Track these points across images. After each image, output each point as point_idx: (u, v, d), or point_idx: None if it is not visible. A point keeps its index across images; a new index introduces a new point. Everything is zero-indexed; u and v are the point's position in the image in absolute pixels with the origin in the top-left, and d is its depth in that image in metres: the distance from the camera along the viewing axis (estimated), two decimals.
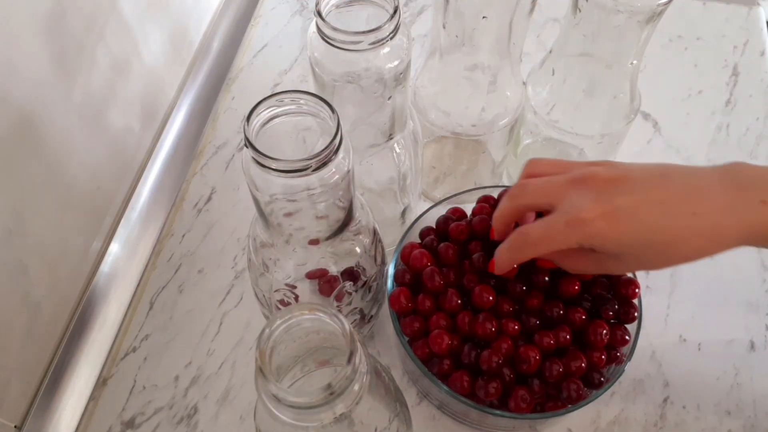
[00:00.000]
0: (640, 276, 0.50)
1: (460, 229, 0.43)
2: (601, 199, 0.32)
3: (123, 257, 0.52)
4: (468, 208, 0.45)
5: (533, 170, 0.37)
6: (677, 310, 0.49)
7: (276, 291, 0.38)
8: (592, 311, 0.40)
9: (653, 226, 0.32)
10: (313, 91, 0.31)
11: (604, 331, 0.39)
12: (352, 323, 0.35)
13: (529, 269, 0.41)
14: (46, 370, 0.45)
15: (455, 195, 0.46)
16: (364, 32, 0.32)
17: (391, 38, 0.33)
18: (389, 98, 0.36)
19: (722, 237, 0.32)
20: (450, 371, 0.39)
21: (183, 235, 0.54)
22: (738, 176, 0.32)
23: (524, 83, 0.48)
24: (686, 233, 0.32)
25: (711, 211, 0.32)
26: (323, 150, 0.28)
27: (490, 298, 0.40)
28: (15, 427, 0.43)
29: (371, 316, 0.43)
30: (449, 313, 0.40)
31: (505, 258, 0.37)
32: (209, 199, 0.56)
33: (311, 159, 0.28)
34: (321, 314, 0.26)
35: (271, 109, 0.30)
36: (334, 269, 0.37)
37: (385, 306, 0.43)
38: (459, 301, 0.40)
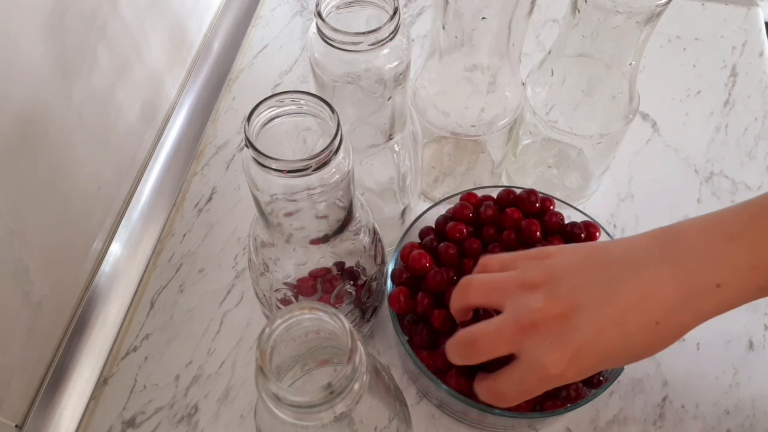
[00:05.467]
0: None
1: (458, 229, 0.43)
2: (561, 344, 0.31)
3: (124, 257, 0.52)
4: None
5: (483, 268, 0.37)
6: None
7: (276, 290, 0.38)
8: None
9: (618, 351, 0.31)
10: (313, 91, 0.31)
11: None
12: (351, 323, 0.35)
13: None
14: (47, 370, 0.45)
15: (455, 195, 0.46)
16: (364, 33, 0.32)
17: (391, 39, 0.33)
18: (389, 99, 0.36)
19: (682, 331, 0.31)
20: (449, 370, 0.39)
21: (184, 235, 0.54)
22: (681, 256, 0.30)
23: (523, 84, 0.48)
24: (648, 342, 0.31)
25: (667, 313, 0.30)
26: (323, 150, 0.28)
27: None
28: (16, 426, 0.43)
29: (371, 316, 0.44)
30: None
31: (455, 359, 0.36)
32: (210, 198, 0.56)
33: (311, 159, 0.28)
34: (321, 313, 0.26)
35: (271, 109, 0.30)
36: (334, 269, 0.37)
37: (385, 306, 0.43)
38: None
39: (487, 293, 0.35)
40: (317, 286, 0.38)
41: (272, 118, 0.30)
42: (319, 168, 0.29)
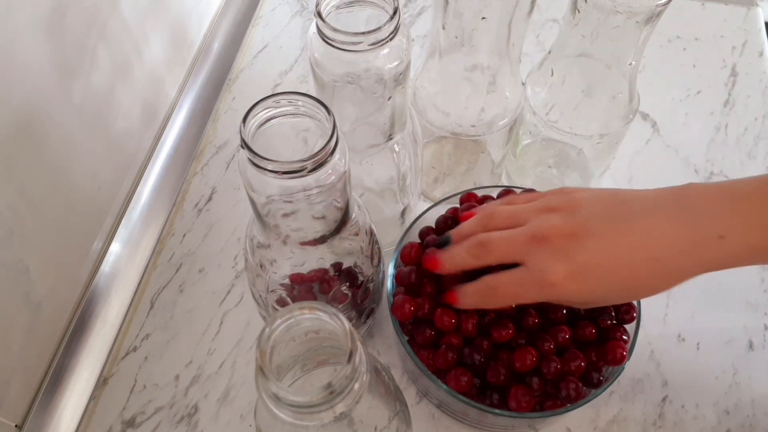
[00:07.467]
0: None
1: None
2: (566, 258, 0.33)
3: (124, 257, 0.52)
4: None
5: (489, 223, 0.37)
6: (676, 309, 0.49)
7: (272, 292, 0.38)
8: (591, 312, 0.41)
9: (617, 279, 0.33)
10: (313, 91, 0.31)
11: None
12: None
13: None
14: (47, 370, 0.45)
15: (455, 195, 0.46)
16: (363, 33, 0.32)
17: (391, 39, 0.33)
18: (389, 98, 0.36)
19: (682, 276, 0.33)
20: (449, 370, 0.39)
21: (184, 235, 0.54)
22: (692, 207, 0.33)
23: (523, 84, 0.48)
24: (648, 280, 0.33)
25: (671, 254, 0.32)
26: (319, 151, 0.28)
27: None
28: (16, 426, 0.43)
29: (368, 318, 0.44)
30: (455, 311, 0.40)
31: (471, 302, 0.38)
32: (210, 198, 0.56)
33: (307, 160, 0.28)
34: (321, 314, 0.26)
35: (268, 110, 0.30)
36: (331, 270, 0.37)
37: (383, 306, 0.43)
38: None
39: (508, 252, 0.35)
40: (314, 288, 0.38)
41: (269, 119, 0.30)
42: (315, 169, 0.29)
